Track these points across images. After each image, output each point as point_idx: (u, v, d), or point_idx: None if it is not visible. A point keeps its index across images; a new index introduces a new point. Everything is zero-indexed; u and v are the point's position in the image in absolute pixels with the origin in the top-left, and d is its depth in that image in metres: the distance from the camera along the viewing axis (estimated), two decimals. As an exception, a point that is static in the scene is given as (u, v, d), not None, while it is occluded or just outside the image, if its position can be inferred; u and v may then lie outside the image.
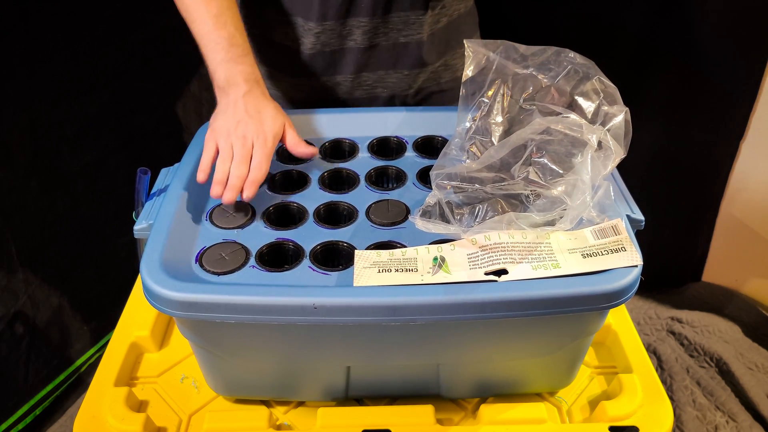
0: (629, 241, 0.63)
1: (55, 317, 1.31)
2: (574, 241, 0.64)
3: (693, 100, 1.36)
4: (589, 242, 0.64)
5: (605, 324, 0.78)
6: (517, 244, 0.64)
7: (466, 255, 0.64)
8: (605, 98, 0.70)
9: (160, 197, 0.73)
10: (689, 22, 1.30)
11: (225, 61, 0.78)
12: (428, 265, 0.63)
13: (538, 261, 0.62)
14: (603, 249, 0.63)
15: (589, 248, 0.63)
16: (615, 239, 0.64)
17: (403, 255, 0.65)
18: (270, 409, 0.72)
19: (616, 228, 0.64)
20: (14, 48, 1.12)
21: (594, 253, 0.63)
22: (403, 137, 0.84)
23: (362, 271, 0.63)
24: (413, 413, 0.69)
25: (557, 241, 0.64)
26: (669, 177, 1.47)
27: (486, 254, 0.63)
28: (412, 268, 0.63)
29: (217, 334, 0.64)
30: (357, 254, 0.65)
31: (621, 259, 0.62)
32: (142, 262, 0.62)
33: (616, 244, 0.63)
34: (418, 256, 0.64)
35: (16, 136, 1.16)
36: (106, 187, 1.35)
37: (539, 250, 0.63)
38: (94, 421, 0.69)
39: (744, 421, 1.23)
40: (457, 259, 0.63)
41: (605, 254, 0.62)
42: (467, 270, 0.62)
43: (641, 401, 0.70)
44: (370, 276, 0.62)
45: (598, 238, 0.64)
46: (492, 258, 0.62)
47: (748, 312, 1.45)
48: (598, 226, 0.65)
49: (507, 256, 0.62)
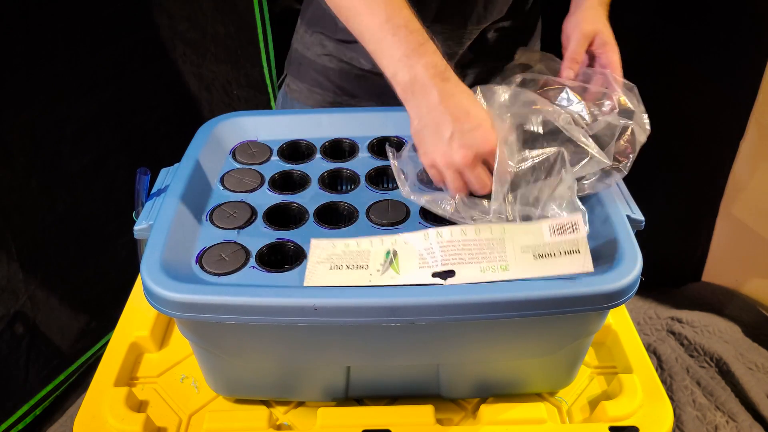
0: (585, 243, 0.60)
1: (55, 317, 1.31)
2: (530, 236, 0.62)
3: (693, 100, 1.36)
4: (544, 239, 0.61)
5: (605, 324, 0.78)
6: (469, 242, 0.62)
7: (417, 252, 0.62)
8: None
9: (160, 197, 0.73)
10: (689, 22, 1.30)
11: (406, 56, 0.65)
12: (379, 261, 0.62)
13: (487, 262, 0.60)
14: (557, 249, 0.60)
15: (543, 247, 0.61)
16: (571, 239, 0.61)
17: (357, 247, 0.63)
18: (270, 409, 0.72)
19: (575, 225, 0.61)
20: (14, 48, 1.12)
21: (547, 253, 0.60)
22: (404, 137, 0.84)
23: (315, 267, 0.62)
24: (413, 413, 0.69)
25: (512, 238, 0.62)
26: (669, 177, 1.47)
27: (436, 253, 0.62)
28: (363, 265, 0.62)
29: (217, 335, 0.64)
30: (313, 244, 0.63)
31: (572, 265, 0.59)
32: (142, 263, 0.62)
33: (571, 245, 0.61)
34: (372, 248, 0.63)
35: (16, 136, 1.16)
36: (106, 187, 1.35)
37: (491, 248, 0.61)
38: (94, 421, 0.69)
39: (744, 421, 1.23)
40: (409, 256, 0.62)
41: (558, 256, 0.60)
42: (416, 270, 0.61)
43: (641, 401, 0.70)
44: (321, 275, 0.61)
45: (555, 234, 0.62)
46: (441, 257, 0.61)
47: (748, 312, 1.45)
48: (556, 221, 0.62)
49: (456, 255, 0.61)
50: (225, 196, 0.75)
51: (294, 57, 1.02)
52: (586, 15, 0.82)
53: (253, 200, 0.74)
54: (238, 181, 0.77)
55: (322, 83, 0.98)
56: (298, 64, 1.00)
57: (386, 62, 0.66)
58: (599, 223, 0.67)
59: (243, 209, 0.72)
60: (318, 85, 0.98)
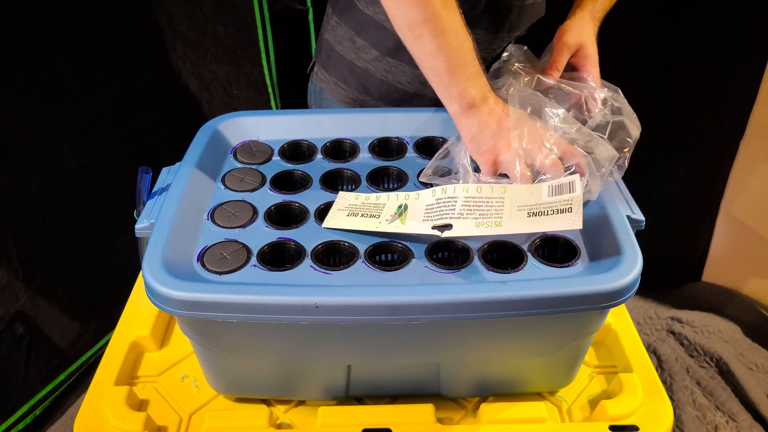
0: (579, 202, 0.62)
1: (55, 317, 1.31)
2: (530, 196, 0.65)
3: (693, 99, 1.36)
4: (542, 199, 0.64)
5: (605, 324, 0.78)
6: (469, 199, 0.66)
7: (425, 206, 0.67)
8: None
9: (161, 196, 0.73)
10: (689, 22, 1.30)
11: (476, 75, 0.71)
12: (390, 213, 0.67)
13: (484, 218, 0.63)
14: (551, 208, 0.63)
15: (539, 206, 0.63)
16: (566, 198, 0.63)
17: (377, 200, 0.71)
18: (270, 408, 0.72)
19: (572, 185, 0.64)
20: (14, 48, 1.12)
21: (540, 212, 0.63)
22: (404, 137, 0.84)
23: (335, 213, 0.68)
24: (413, 412, 0.69)
25: (512, 197, 0.65)
26: (669, 177, 1.48)
27: (439, 207, 0.66)
28: (375, 215, 0.67)
29: (218, 333, 0.64)
30: (339, 195, 0.71)
31: (562, 222, 0.61)
32: (143, 261, 0.62)
33: (565, 203, 0.63)
34: (388, 202, 0.70)
35: (16, 136, 1.16)
36: (106, 187, 1.35)
37: (489, 206, 0.65)
38: (94, 420, 0.69)
39: (744, 421, 1.23)
40: (416, 209, 0.67)
41: (550, 214, 0.62)
42: (420, 222, 0.66)
43: (641, 401, 0.70)
44: (338, 219, 0.67)
45: (552, 194, 0.64)
46: (442, 212, 0.65)
47: (748, 312, 1.45)
48: (555, 182, 0.65)
49: (455, 211, 0.65)
50: (226, 196, 0.75)
51: (324, 47, 1.02)
52: (573, 26, 0.85)
53: (255, 200, 0.74)
54: (240, 180, 0.77)
55: (348, 79, 0.98)
56: (328, 56, 1.00)
57: (457, 80, 0.70)
58: (599, 223, 0.67)
59: (244, 208, 0.72)
60: (344, 80, 0.99)
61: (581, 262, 0.65)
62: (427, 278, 0.62)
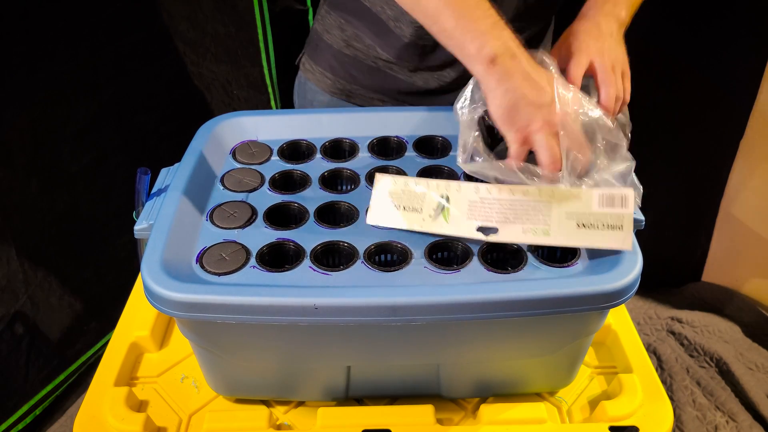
0: (630, 220, 0.60)
1: (55, 317, 1.31)
2: (578, 203, 0.61)
3: (693, 99, 1.36)
4: (592, 208, 0.61)
5: (605, 324, 0.78)
6: (516, 202, 0.63)
7: (467, 201, 0.64)
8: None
9: (160, 197, 0.73)
10: (689, 22, 1.30)
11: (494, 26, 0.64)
12: (432, 206, 0.64)
13: (531, 224, 0.61)
14: (600, 221, 0.60)
15: (588, 216, 0.61)
16: (617, 213, 0.60)
17: (416, 186, 0.67)
18: (270, 409, 0.72)
19: (625, 200, 0.61)
20: (14, 48, 1.12)
21: (590, 224, 0.60)
22: (404, 137, 0.84)
23: (378, 204, 0.65)
24: (413, 413, 0.69)
25: (559, 202, 0.61)
26: (669, 177, 1.47)
27: (484, 207, 0.63)
28: (417, 208, 0.64)
29: (217, 334, 0.64)
30: (377, 177, 0.69)
31: (612, 240, 0.59)
32: (142, 263, 0.62)
33: (616, 219, 0.60)
34: (428, 191, 0.66)
35: (16, 136, 1.16)
36: (106, 187, 1.35)
37: (536, 211, 0.62)
38: (94, 421, 0.69)
39: (744, 421, 1.23)
40: (459, 205, 0.64)
41: (600, 228, 0.60)
42: (464, 221, 0.63)
43: (641, 401, 0.70)
44: (383, 213, 0.65)
45: (603, 205, 0.61)
46: (488, 213, 0.63)
47: (748, 312, 1.45)
48: (607, 191, 0.62)
49: (501, 213, 0.62)
50: (225, 196, 0.75)
51: (313, 37, 1.01)
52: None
53: (254, 200, 0.74)
54: (239, 180, 0.77)
55: (335, 68, 0.98)
56: (315, 45, 1.00)
57: (471, 36, 0.64)
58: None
59: (243, 209, 0.72)
60: (330, 70, 0.98)
61: (581, 262, 0.65)
62: (427, 279, 0.62)
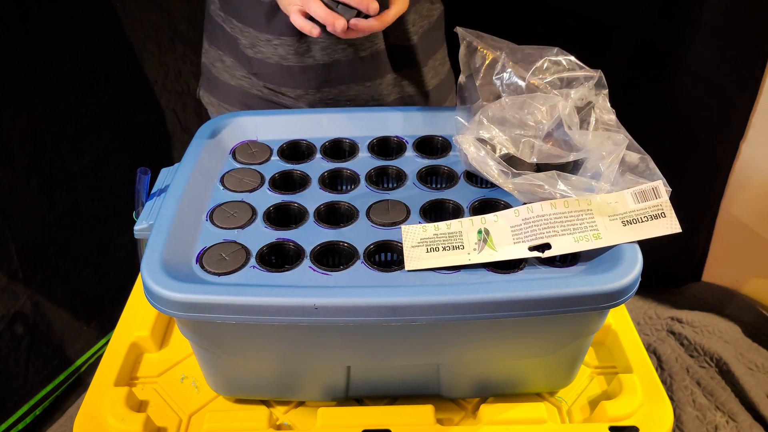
0: (669, 206, 0.63)
1: (55, 317, 1.31)
2: (615, 205, 0.64)
3: (693, 100, 1.36)
4: (629, 207, 0.64)
5: (605, 324, 0.78)
6: (560, 215, 0.64)
7: (510, 228, 0.64)
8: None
9: (160, 197, 0.73)
10: (689, 22, 1.30)
11: None
12: (473, 240, 0.63)
13: (580, 232, 0.62)
14: (643, 215, 0.63)
15: (629, 214, 0.63)
16: (655, 203, 0.64)
17: (448, 228, 0.66)
18: (270, 409, 0.72)
19: (657, 191, 0.64)
20: (14, 48, 1.12)
21: (634, 219, 0.63)
22: (404, 137, 0.84)
23: (411, 251, 0.63)
24: (413, 413, 0.69)
25: (598, 207, 0.64)
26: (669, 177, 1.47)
27: (529, 227, 0.63)
28: (458, 245, 0.63)
29: (217, 335, 0.64)
30: (404, 229, 0.66)
31: (660, 227, 0.62)
32: (142, 263, 0.62)
33: (656, 209, 0.63)
34: (462, 229, 0.65)
35: (16, 136, 1.16)
36: (106, 187, 1.35)
37: (581, 219, 0.64)
38: (94, 421, 0.69)
39: (744, 421, 1.23)
40: (501, 232, 0.64)
41: (645, 221, 0.63)
42: (511, 245, 0.63)
43: (641, 401, 0.70)
44: (420, 258, 0.63)
45: (639, 201, 0.64)
46: (535, 231, 0.63)
47: (748, 312, 1.45)
48: (638, 188, 0.65)
49: (550, 228, 0.63)
50: (225, 196, 0.74)
51: (203, 71, 1.04)
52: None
53: (254, 200, 0.74)
54: (239, 181, 0.77)
55: (230, 99, 1.00)
56: (207, 80, 1.03)
57: None
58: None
59: (243, 209, 0.72)
60: (226, 101, 1.01)
61: (581, 262, 0.65)
62: (427, 279, 0.62)
